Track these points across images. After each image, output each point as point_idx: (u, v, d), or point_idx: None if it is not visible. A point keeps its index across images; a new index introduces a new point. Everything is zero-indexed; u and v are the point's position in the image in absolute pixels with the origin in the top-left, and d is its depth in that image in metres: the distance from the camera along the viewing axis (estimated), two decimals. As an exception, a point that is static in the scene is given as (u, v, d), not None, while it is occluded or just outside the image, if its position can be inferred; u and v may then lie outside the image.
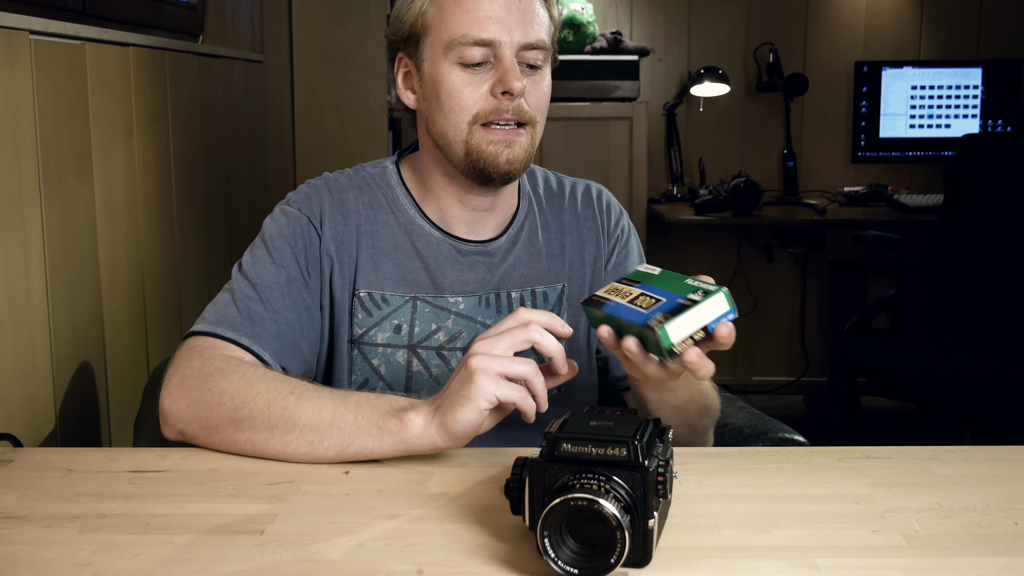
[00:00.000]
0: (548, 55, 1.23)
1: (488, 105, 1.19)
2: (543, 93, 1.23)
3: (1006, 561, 0.84)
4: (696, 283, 0.96)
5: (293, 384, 1.07)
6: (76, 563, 0.84)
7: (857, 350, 2.97)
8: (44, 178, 1.45)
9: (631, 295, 0.99)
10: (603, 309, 1.00)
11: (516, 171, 1.22)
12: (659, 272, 1.02)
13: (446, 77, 1.20)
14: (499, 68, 1.18)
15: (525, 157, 1.22)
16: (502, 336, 0.99)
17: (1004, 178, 2.78)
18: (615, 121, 3.44)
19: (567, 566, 0.79)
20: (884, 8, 3.87)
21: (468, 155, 1.21)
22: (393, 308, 1.26)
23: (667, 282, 0.99)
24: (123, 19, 1.91)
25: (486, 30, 1.17)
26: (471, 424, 0.98)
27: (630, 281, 1.02)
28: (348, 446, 1.03)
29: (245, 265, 1.23)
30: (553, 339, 1.00)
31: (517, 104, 1.19)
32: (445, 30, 1.19)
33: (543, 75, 1.23)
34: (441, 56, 1.20)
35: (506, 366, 0.98)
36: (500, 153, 1.20)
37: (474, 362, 0.97)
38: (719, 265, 3.93)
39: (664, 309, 0.94)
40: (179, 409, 1.09)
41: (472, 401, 0.97)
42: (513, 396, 0.97)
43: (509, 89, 1.17)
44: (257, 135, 2.86)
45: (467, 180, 1.24)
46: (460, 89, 1.19)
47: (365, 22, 3.03)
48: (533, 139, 1.23)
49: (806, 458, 1.10)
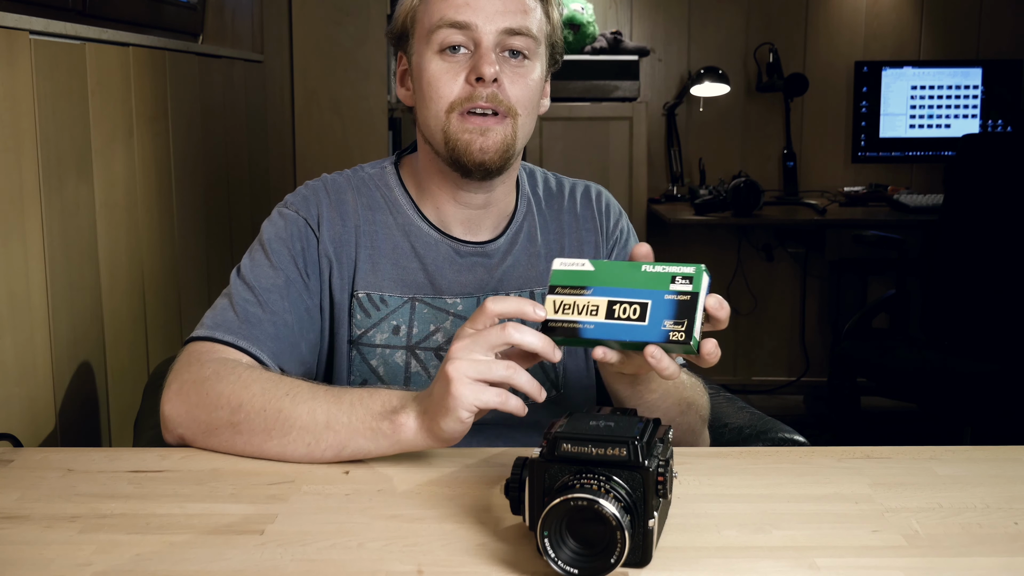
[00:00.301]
0: (537, 47, 1.21)
1: (463, 93, 1.18)
2: (527, 85, 1.21)
3: (1006, 561, 0.84)
4: (657, 269, 0.91)
5: (288, 385, 1.07)
6: (76, 563, 0.84)
7: (857, 350, 2.97)
8: (44, 178, 1.45)
9: (597, 307, 0.93)
10: (582, 336, 0.93)
11: (491, 161, 1.19)
12: (591, 267, 0.94)
13: (427, 67, 1.20)
14: (475, 55, 1.18)
15: (502, 148, 1.19)
16: (478, 339, 0.95)
17: (1004, 178, 2.78)
18: (615, 121, 3.44)
19: (567, 566, 0.79)
20: (884, 8, 3.87)
21: (447, 144, 1.20)
22: (392, 309, 1.26)
23: (621, 277, 0.93)
24: (123, 19, 1.91)
25: (461, 12, 1.17)
26: (457, 431, 0.97)
27: (572, 289, 0.94)
28: (345, 447, 1.03)
29: (243, 269, 1.23)
30: (531, 333, 0.94)
31: (491, 92, 1.17)
32: (427, 20, 1.20)
33: (529, 67, 1.21)
34: (425, 46, 1.20)
35: (483, 371, 0.94)
36: (474, 141, 1.18)
37: (451, 370, 0.94)
38: (719, 265, 3.92)
39: (669, 315, 0.90)
40: (178, 414, 1.10)
41: (453, 412, 0.95)
42: (493, 401, 0.94)
43: (481, 74, 1.16)
44: (257, 135, 2.86)
45: (456, 176, 1.24)
46: (438, 77, 1.19)
47: (365, 22, 3.03)
48: (514, 131, 1.20)
49: (806, 458, 1.10)
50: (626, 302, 0.92)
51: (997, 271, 2.76)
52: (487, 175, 1.22)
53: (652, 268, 0.92)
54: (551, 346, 0.95)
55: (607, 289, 0.93)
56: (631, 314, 0.92)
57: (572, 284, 0.95)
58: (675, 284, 0.91)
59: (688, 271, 0.91)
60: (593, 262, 0.95)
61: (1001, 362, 2.69)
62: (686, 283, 0.91)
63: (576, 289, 0.94)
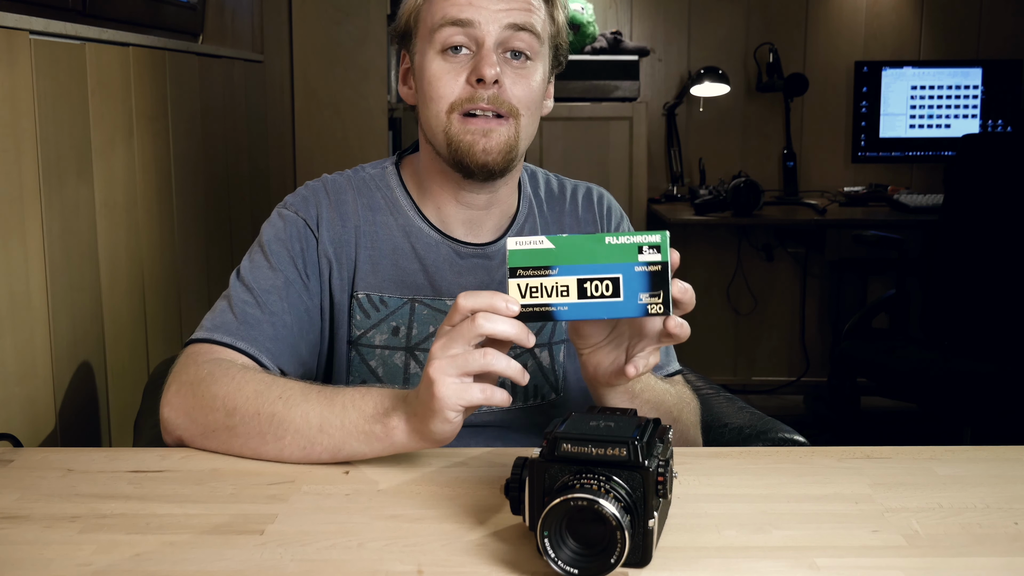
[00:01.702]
0: (539, 47, 1.21)
1: (464, 93, 1.18)
2: (529, 87, 1.20)
3: (1006, 561, 0.84)
4: (622, 240, 0.89)
5: (281, 387, 1.06)
6: (76, 563, 0.84)
7: (857, 350, 2.97)
8: (44, 178, 1.45)
9: (567, 286, 0.90)
10: (556, 318, 0.91)
11: (494, 162, 1.19)
12: (551, 244, 0.91)
13: (428, 66, 1.20)
14: (477, 56, 1.18)
15: (504, 149, 1.19)
16: (453, 335, 0.93)
17: (1004, 178, 2.78)
18: (615, 121, 3.44)
19: (567, 566, 0.79)
20: (884, 8, 3.87)
21: (449, 145, 1.19)
22: (391, 310, 1.26)
23: (585, 252, 0.90)
24: (123, 19, 1.91)
25: (463, 10, 1.17)
26: (447, 431, 0.97)
27: (536, 270, 0.91)
28: (340, 450, 1.03)
29: (243, 271, 1.23)
30: (503, 322, 0.92)
31: (493, 93, 1.17)
32: (430, 18, 1.20)
33: (532, 68, 1.21)
34: (427, 45, 1.20)
35: (462, 365, 0.93)
36: (476, 143, 1.18)
37: (432, 371, 0.94)
38: (719, 265, 3.93)
39: (643, 287, 0.89)
40: (176, 416, 1.10)
41: (440, 413, 0.94)
42: (478, 398, 0.94)
43: (481, 76, 1.16)
44: (257, 135, 2.86)
45: (458, 176, 1.23)
46: (439, 77, 1.19)
47: (365, 22, 3.03)
48: (516, 132, 1.20)
49: (806, 458, 1.10)
50: (596, 279, 0.89)
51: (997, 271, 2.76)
52: (490, 176, 1.22)
53: (616, 240, 0.90)
54: (525, 331, 0.93)
55: (573, 267, 0.90)
56: (604, 291, 0.89)
57: (534, 264, 0.91)
58: (643, 255, 0.88)
59: (654, 239, 0.89)
60: (551, 238, 0.91)
61: (1001, 362, 2.69)
62: (654, 252, 0.88)
63: (540, 270, 0.91)
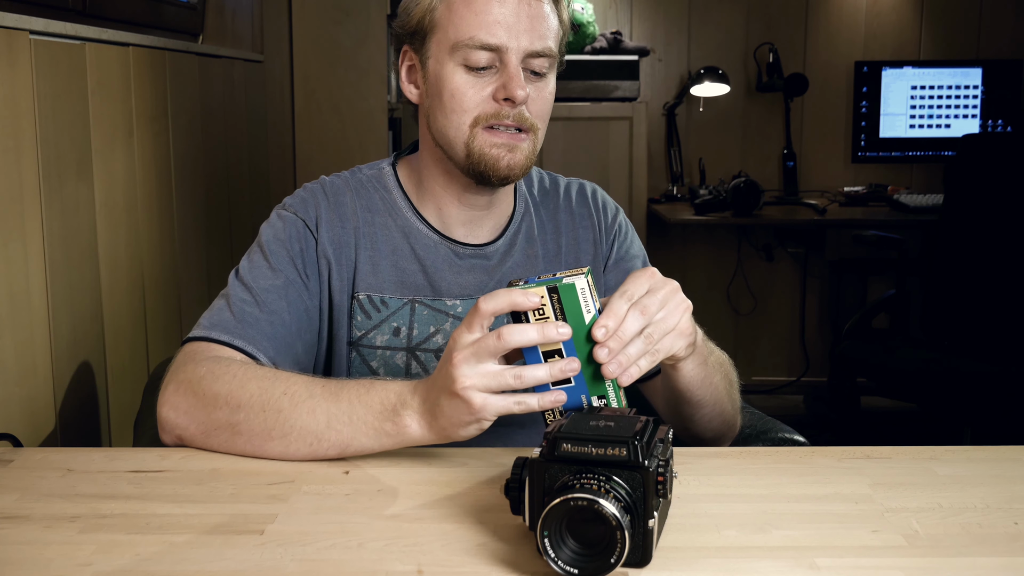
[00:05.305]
0: (554, 62, 1.23)
1: (490, 109, 1.19)
2: (546, 100, 1.23)
3: (1006, 561, 0.84)
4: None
5: (284, 383, 1.06)
6: (76, 563, 0.84)
7: (857, 350, 2.97)
8: (44, 178, 1.45)
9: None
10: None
11: (516, 176, 1.22)
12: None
13: (450, 77, 1.19)
14: (503, 74, 1.18)
15: (526, 163, 1.22)
16: (479, 351, 0.94)
17: (1004, 178, 2.78)
18: (615, 121, 3.44)
19: (567, 566, 0.79)
20: (884, 8, 3.87)
21: (469, 156, 1.20)
22: (392, 311, 1.26)
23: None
24: (123, 19, 1.91)
25: (494, 35, 1.17)
26: (474, 434, 0.99)
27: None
28: (348, 447, 1.03)
29: (242, 271, 1.23)
30: (527, 330, 0.94)
31: (519, 111, 1.19)
32: (452, 30, 1.18)
33: (547, 82, 1.23)
34: (447, 56, 1.19)
35: (493, 382, 0.95)
36: (502, 157, 1.20)
37: (466, 390, 0.94)
38: (719, 265, 3.93)
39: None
40: (176, 415, 1.10)
41: (475, 425, 0.97)
42: (515, 409, 0.96)
43: (512, 97, 1.17)
44: (257, 135, 2.86)
45: (466, 179, 1.24)
46: (463, 91, 1.19)
47: (365, 22, 3.03)
48: (535, 145, 1.22)
49: (806, 458, 1.10)
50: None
51: (997, 271, 2.76)
52: (504, 184, 1.24)
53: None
54: (548, 333, 0.95)
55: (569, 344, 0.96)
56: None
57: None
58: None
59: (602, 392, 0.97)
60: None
61: (1001, 362, 2.69)
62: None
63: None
